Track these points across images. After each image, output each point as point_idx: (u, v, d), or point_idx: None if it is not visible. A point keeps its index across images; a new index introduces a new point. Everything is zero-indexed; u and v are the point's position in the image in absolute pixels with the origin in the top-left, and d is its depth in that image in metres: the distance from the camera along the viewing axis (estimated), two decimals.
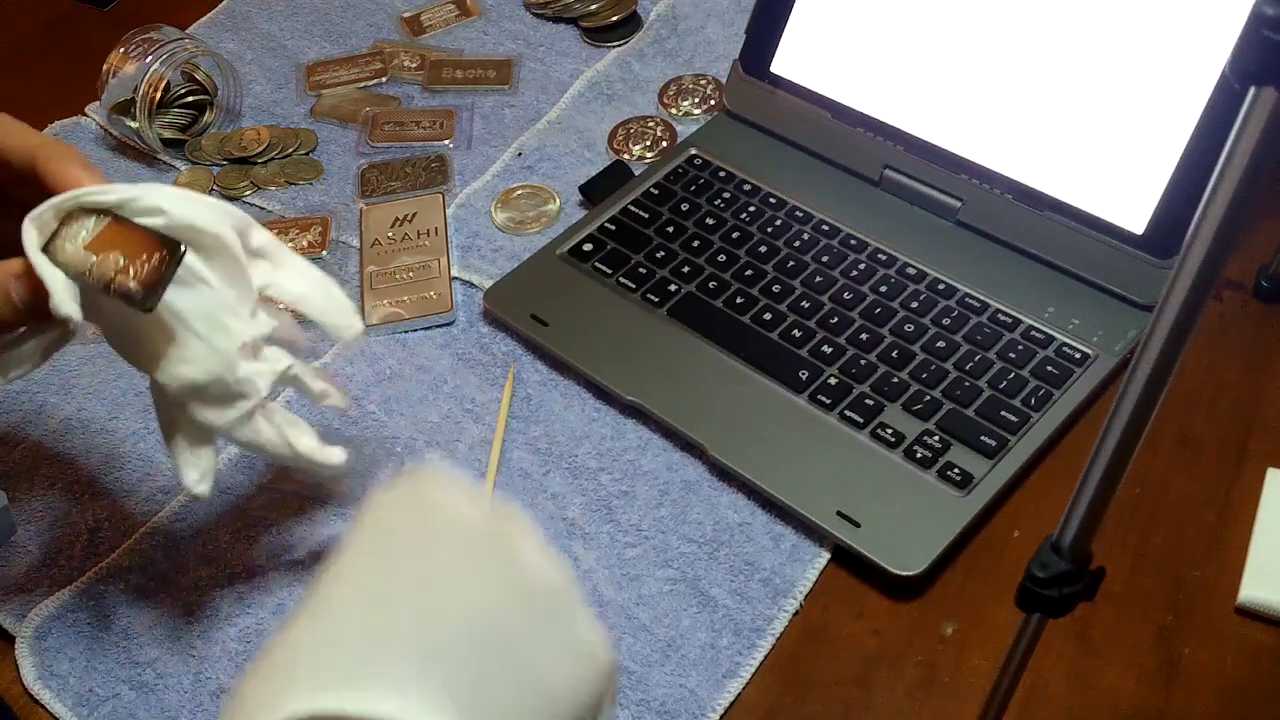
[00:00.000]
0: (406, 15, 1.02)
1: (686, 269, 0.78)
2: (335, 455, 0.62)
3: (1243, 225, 0.37)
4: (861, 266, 0.77)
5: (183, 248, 0.53)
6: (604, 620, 0.63)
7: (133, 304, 0.53)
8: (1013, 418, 0.69)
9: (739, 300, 0.76)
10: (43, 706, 0.63)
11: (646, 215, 0.82)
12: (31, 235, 0.53)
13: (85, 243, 0.53)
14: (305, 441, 0.61)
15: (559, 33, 0.99)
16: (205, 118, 0.93)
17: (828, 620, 0.64)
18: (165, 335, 0.55)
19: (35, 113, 0.96)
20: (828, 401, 0.71)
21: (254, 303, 0.58)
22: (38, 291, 0.52)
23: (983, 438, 0.68)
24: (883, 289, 0.76)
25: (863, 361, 0.72)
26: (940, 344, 0.73)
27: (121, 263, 0.53)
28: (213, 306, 0.56)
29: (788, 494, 0.67)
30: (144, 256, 0.53)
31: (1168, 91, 0.71)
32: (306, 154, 0.91)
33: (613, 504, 0.69)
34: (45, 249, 0.53)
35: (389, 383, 0.76)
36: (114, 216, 0.54)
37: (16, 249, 0.53)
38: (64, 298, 0.52)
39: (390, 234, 0.83)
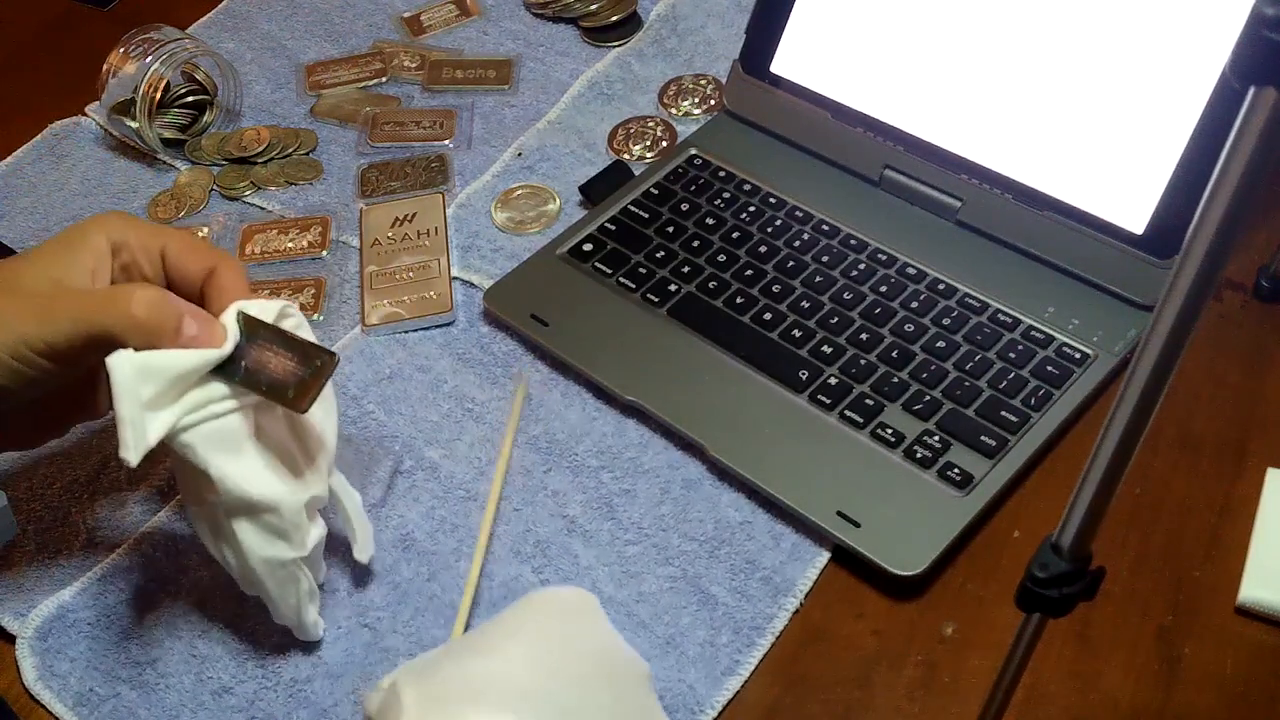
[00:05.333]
0: (406, 15, 1.02)
1: (686, 269, 0.79)
2: (316, 634, 0.64)
3: (1243, 225, 0.37)
4: (861, 266, 0.77)
5: (337, 358, 0.57)
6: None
7: (283, 399, 0.56)
8: (1013, 418, 0.69)
9: (739, 300, 0.76)
10: (43, 706, 0.63)
11: (646, 215, 0.82)
12: (233, 310, 0.57)
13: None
14: (311, 615, 0.63)
15: (559, 33, 0.99)
16: (205, 118, 0.94)
17: (828, 620, 0.64)
18: (252, 443, 0.57)
19: (35, 113, 0.96)
20: (828, 401, 0.71)
21: (329, 465, 0.62)
22: (210, 335, 0.56)
23: (983, 438, 0.68)
24: (883, 289, 0.76)
25: (863, 361, 0.72)
26: (940, 344, 0.73)
27: (286, 361, 0.56)
28: (310, 445, 0.61)
29: (788, 494, 0.67)
30: (305, 360, 0.57)
31: (1168, 91, 0.71)
32: (306, 154, 0.91)
33: (613, 502, 0.69)
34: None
35: (389, 382, 0.76)
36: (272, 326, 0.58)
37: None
38: (229, 347, 0.56)
39: (390, 234, 0.83)
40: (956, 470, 0.67)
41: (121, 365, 0.53)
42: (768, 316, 0.75)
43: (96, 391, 0.62)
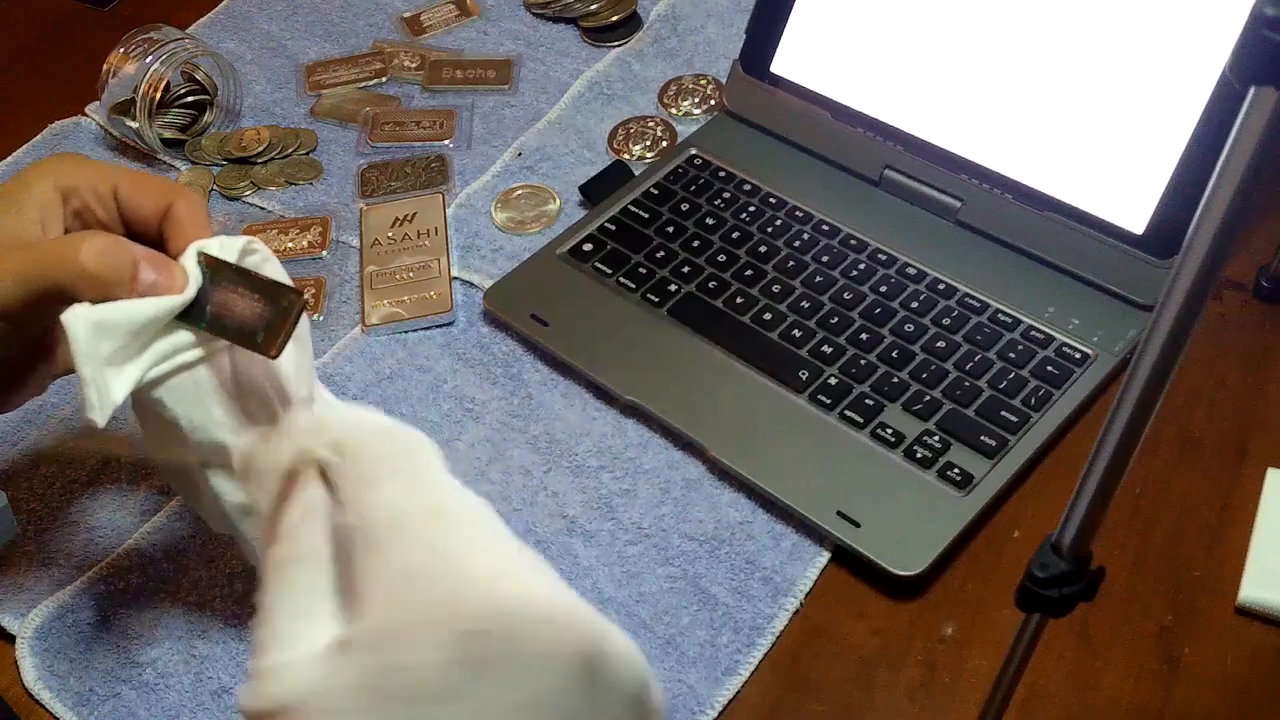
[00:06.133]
0: (406, 15, 1.02)
1: (686, 269, 0.79)
2: None
3: (1243, 225, 0.37)
4: (861, 266, 0.77)
5: (306, 297, 0.53)
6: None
7: (252, 345, 0.53)
8: (1013, 418, 0.69)
9: (739, 300, 0.76)
10: (43, 706, 0.63)
11: (646, 215, 0.82)
12: (192, 250, 0.54)
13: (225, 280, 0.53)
14: None
15: (559, 33, 0.99)
16: (205, 118, 0.94)
17: (828, 620, 0.64)
18: (232, 394, 0.55)
19: (35, 113, 0.96)
20: (828, 401, 0.71)
21: (307, 402, 0.59)
22: (169, 281, 0.52)
23: (983, 438, 0.68)
24: (883, 289, 0.76)
25: (863, 361, 0.72)
26: (940, 344, 0.73)
27: (253, 303, 0.53)
28: (285, 384, 0.57)
29: (788, 494, 0.67)
30: (272, 301, 0.53)
31: (1168, 91, 0.71)
32: (306, 154, 0.91)
33: (614, 502, 0.69)
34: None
35: (389, 382, 0.76)
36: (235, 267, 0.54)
37: None
38: (191, 293, 0.52)
39: (390, 234, 0.83)
40: (956, 470, 0.67)
41: (76, 324, 0.50)
42: (768, 316, 0.75)
43: (56, 348, 0.59)
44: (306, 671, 0.37)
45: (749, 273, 0.78)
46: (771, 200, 0.82)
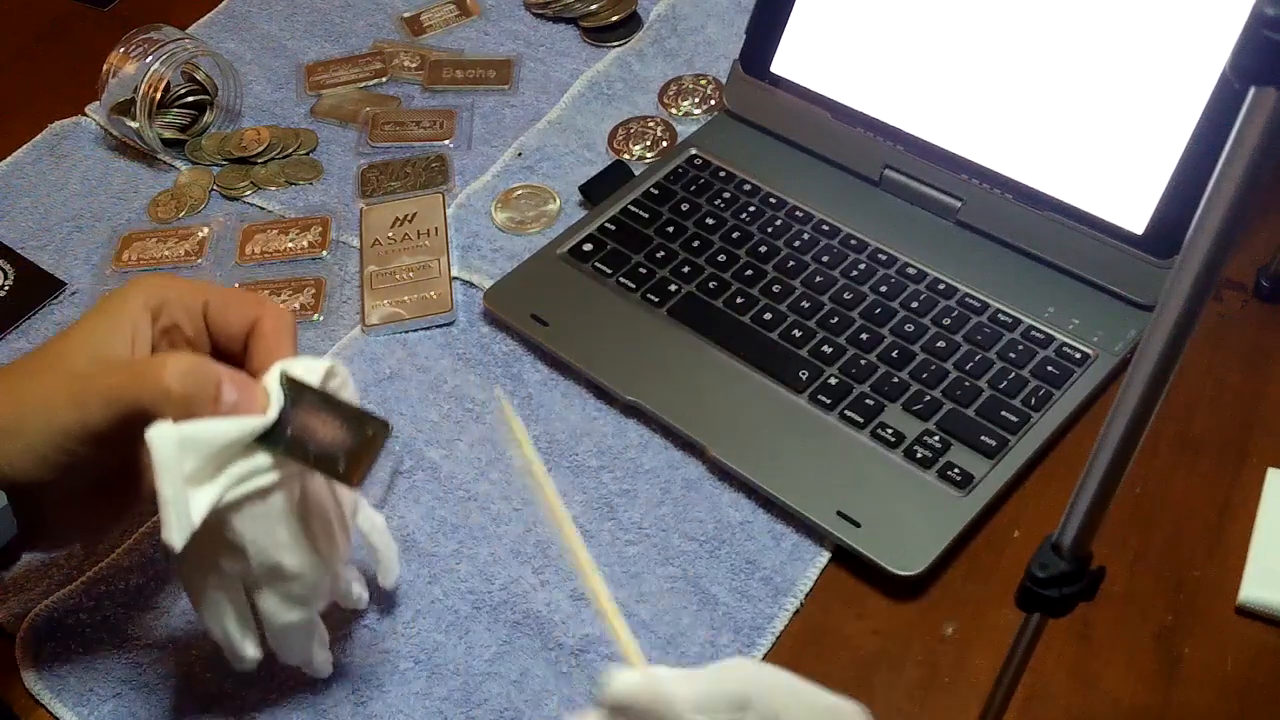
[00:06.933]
0: (406, 15, 1.02)
1: (687, 269, 0.79)
2: (326, 670, 0.62)
3: (1243, 225, 0.37)
4: (861, 266, 0.77)
5: (390, 427, 0.54)
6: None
7: (332, 473, 0.53)
8: (1013, 418, 0.69)
9: (739, 300, 0.76)
10: (43, 706, 0.63)
11: (646, 215, 0.82)
12: (275, 371, 0.54)
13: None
14: (321, 655, 0.62)
15: (559, 33, 0.99)
16: (205, 118, 0.94)
17: (828, 620, 0.64)
18: (299, 515, 0.55)
19: (35, 113, 0.96)
20: (828, 401, 0.71)
21: (354, 516, 0.60)
22: (251, 401, 0.53)
23: (983, 438, 0.68)
24: (883, 289, 0.76)
25: (863, 361, 0.72)
26: (940, 344, 0.73)
27: (335, 429, 0.53)
28: (348, 508, 0.58)
29: (788, 494, 0.67)
30: (355, 428, 0.53)
31: (1168, 91, 0.71)
32: (306, 154, 0.91)
33: (614, 502, 0.69)
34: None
35: (389, 382, 0.76)
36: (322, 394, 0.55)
37: None
38: (273, 415, 0.53)
39: (390, 234, 0.83)
40: (956, 470, 0.67)
41: (161, 440, 0.50)
42: (768, 316, 0.75)
43: (141, 471, 0.58)
44: None
45: (749, 273, 0.78)
46: (771, 200, 0.82)
